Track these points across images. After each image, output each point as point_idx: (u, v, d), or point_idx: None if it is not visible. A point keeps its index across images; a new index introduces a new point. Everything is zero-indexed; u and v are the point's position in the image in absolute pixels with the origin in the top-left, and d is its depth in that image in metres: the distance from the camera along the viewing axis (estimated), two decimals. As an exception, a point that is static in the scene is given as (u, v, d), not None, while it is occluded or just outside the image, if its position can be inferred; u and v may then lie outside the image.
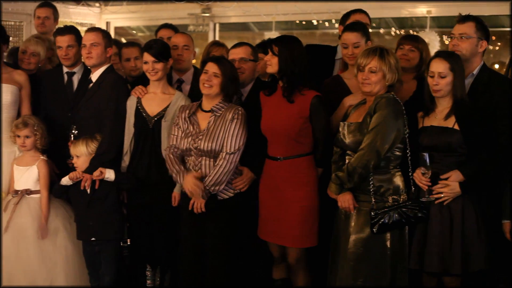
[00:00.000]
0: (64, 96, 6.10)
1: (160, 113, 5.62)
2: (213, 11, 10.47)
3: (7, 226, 5.57)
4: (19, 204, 5.67)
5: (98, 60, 5.81)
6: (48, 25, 7.59)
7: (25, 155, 5.81)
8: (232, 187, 5.29)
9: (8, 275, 5.47)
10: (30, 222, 5.63)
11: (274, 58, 5.18)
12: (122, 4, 10.97)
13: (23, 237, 5.58)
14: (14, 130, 5.74)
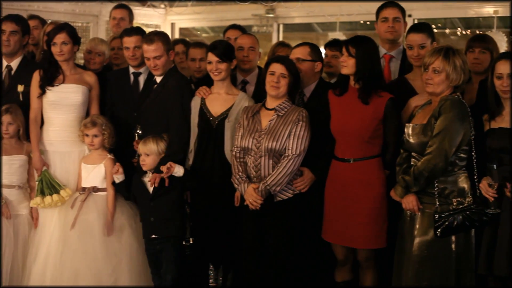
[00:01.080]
0: (130, 96, 6.18)
1: (224, 113, 5.65)
2: (277, 12, 10.45)
3: (74, 223, 5.65)
4: (86, 201, 5.76)
5: (164, 69, 5.86)
6: (123, 26, 7.67)
7: (92, 153, 5.90)
8: (291, 188, 5.29)
9: (74, 271, 5.56)
10: (96, 219, 5.71)
11: (350, 60, 5.16)
12: (187, 5, 11.03)
13: (89, 234, 5.65)
14: (83, 129, 5.83)
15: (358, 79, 5.20)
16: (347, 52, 5.17)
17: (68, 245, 5.63)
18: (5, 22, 6.14)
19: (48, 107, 5.89)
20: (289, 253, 5.29)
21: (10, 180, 5.87)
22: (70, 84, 5.90)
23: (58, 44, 5.83)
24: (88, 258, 5.58)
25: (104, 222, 5.71)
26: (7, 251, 5.76)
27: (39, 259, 5.71)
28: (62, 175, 5.87)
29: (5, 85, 6.17)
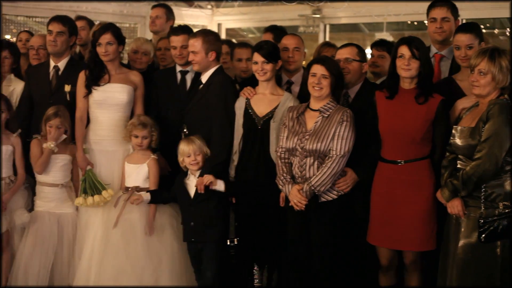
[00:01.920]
0: (177, 95, 6.22)
1: (269, 113, 5.64)
2: (324, 12, 10.43)
3: (116, 222, 5.71)
4: (129, 200, 5.78)
5: (200, 67, 5.89)
6: (159, 24, 7.72)
7: (137, 153, 5.94)
8: (336, 189, 5.26)
9: (117, 270, 5.61)
10: (138, 219, 5.75)
11: (415, 62, 5.09)
12: (233, 6, 11.07)
13: (131, 233, 5.70)
14: (132, 130, 5.85)
15: (419, 81, 5.14)
16: (410, 54, 5.09)
17: (110, 244, 5.68)
18: (52, 22, 6.22)
19: (94, 106, 5.95)
20: (333, 254, 5.27)
21: (54, 179, 5.95)
22: (116, 84, 5.96)
23: (103, 45, 5.89)
24: (130, 257, 5.63)
25: (146, 222, 5.75)
26: (50, 249, 5.84)
27: (84, 257, 5.78)
28: (107, 174, 5.94)
29: (53, 85, 6.25)
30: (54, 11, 9.10)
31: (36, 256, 5.80)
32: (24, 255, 5.82)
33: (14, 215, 5.85)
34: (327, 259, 5.25)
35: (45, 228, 5.87)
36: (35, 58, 6.93)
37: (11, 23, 10.16)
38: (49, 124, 5.91)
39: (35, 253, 5.80)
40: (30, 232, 5.87)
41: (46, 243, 5.84)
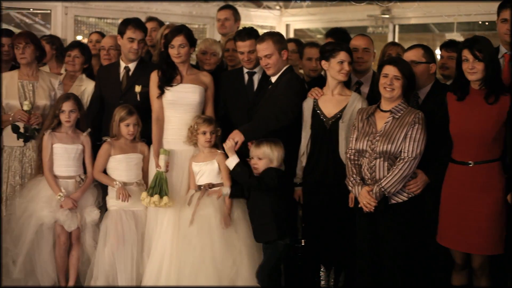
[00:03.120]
0: (245, 96, 6.23)
1: (337, 114, 5.63)
2: (393, 12, 10.30)
3: (192, 219, 5.72)
4: (203, 197, 5.82)
5: (276, 68, 5.88)
6: (229, 26, 7.77)
7: (203, 152, 5.94)
8: (405, 190, 5.19)
9: (196, 266, 5.61)
10: (213, 213, 5.74)
11: (479, 64, 5.01)
12: (302, 7, 11.05)
13: (208, 229, 5.69)
14: (199, 127, 5.87)
15: (486, 83, 5.05)
16: (473, 57, 5.01)
17: (187, 241, 5.70)
18: (135, 30, 6.26)
19: (166, 106, 6.00)
20: (403, 256, 5.20)
21: (128, 177, 6.04)
22: (188, 84, 6.00)
23: (176, 47, 5.93)
24: (208, 252, 5.62)
25: (221, 216, 5.74)
26: (134, 246, 5.92)
27: (153, 256, 5.83)
28: (177, 172, 5.96)
29: (123, 85, 6.33)
30: (124, 12, 9.25)
31: (120, 255, 5.88)
32: (107, 255, 5.89)
33: (85, 213, 5.95)
34: (397, 261, 5.19)
35: (124, 226, 5.94)
36: (106, 59, 7.04)
37: (83, 24, 10.32)
38: (125, 123, 6.00)
39: (119, 252, 5.88)
40: (110, 232, 5.94)
41: (128, 241, 5.91)
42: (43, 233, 5.94)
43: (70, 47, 7.01)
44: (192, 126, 5.91)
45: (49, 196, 5.92)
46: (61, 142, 5.99)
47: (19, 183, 6.27)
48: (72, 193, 5.95)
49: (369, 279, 5.32)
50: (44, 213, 5.84)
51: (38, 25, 10.70)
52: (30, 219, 5.89)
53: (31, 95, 6.34)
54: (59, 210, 5.85)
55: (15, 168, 6.29)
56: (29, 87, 6.37)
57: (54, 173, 5.99)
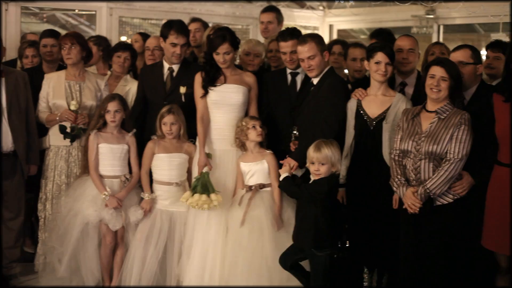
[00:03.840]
0: (287, 97, 6.24)
1: (381, 115, 5.60)
2: (438, 13, 10.22)
3: (243, 220, 5.73)
4: (253, 198, 5.83)
5: (319, 69, 5.87)
6: (272, 30, 7.78)
7: (251, 152, 5.94)
8: (451, 192, 5.14)
9: (248, 267, 5.62)
10: (264, 214, 5.74)
11: None
12: (345, 7, 11.02)
13: (259, 230, 5.69)
14: (247, 123, 5.88)
15: None
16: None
17: (238, 242, 5.71)
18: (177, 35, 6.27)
19: (211, 106, 6.03)
20: (446, 258, 5.15)
21: (169, 177, 6.06)
22: (231, 85, 6.02)
23: (221, 54, 5.95)
24: (259, 253, 5.63)
25: (272, 217, 5.74)
26: (160, 246, 5.94)
27: (194, 257, 5.84)
28: (220, 172, 5.97)
29: (168, 86, 6.37)
30: (168, 13, 9.32)
31: (144, 253, 5.91)
32: (133, 251, 5.96)
33: (129, 212, 5.99)
34: (441, 263, 5.14)
35: (156, 225, 5.98)
36: (151, 59, 7.10)
37: (127, 25, 10.44)
38: (163, 122, 6.04)
39: (144, 249, 5.92)
40: (140, 229, 6.00)
41: (155, 240, 5.94)
42: (88, 232, 6.02)
43: (119, 48, 7.06)
44: (240, 125, 5.92)
45: (94, 195, 5.97)
46: (106, 142, 6.05)
47: (65, 182, 6.36)
48: (117, 193, 6.00)
49: (412, 281, 5.27)
50: (89, 212, 5.90)
51: (83, 26, 10.84)
52: (76, 218, 5.95)
53: (78, 96, 6.42)
54: (104, 209, 5.90)
55: (61, 167, 6.38)
56: (76, 88, 6.45)
57: (99, 173, 6.05)
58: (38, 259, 6.37)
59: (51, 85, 6.45)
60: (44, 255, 6.26)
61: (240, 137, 5.92)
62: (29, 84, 6.40)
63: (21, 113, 6.29)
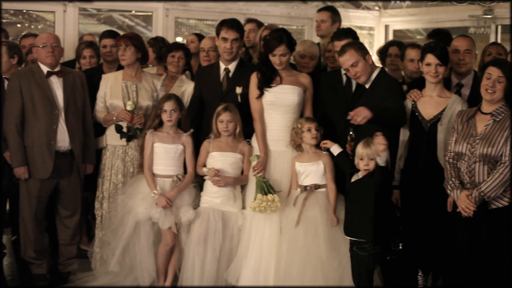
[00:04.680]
0: (343, 98, 6.21)
1: (436, 116, 5.56)
2: (495, 13, 10.06)
3: (298, 220, 5.72)
4: (308, 198, 5.82)
5: (366, 76, 5.83)
6: (324, 28, 7.75)
7: (307, 153, 5.93)
8: (506, 195, 5.07)
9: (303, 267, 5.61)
10: (319, 214, 5.74)
11: None
12: (401, 7, 10.93)
13: (314, 229, 5.68)
14: (303, 125, 5.87)
15: None
16: None
17: (294, 242, 5.70)
18: (228, 30, 6.30)
19: (266, 107, 6.05)
20: (502, 262, 5.09)
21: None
22: (287, 85, 6.03)
23: (277, 56, 5.95)
24: (315, 253, 5.62)
25: (327, 217, 5.73)
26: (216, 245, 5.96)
27: (251, 257, 5.87)
28: (276, 173, 5.99)
29: (224, 87, 6.40)
30: (223, 14, 9.35)
31: (200, 252, 5.94)
32: (191, 252, 5.97)
33: (180, 212, 6.02)
34: (496, 266, 5.08)
35: (210, 224, 5.99)
36: (206, 60, 7.12)
37: (183, 25, 10.52)
38: (219, 119, 6.07)
39: (199, 249, 5.94)
40: (194, 228, 6.03)
41: (210, 239, 5.96)
42: (140, 230, 6.08)
43: (174, 48, 7.11)
44: (295, 127, 5.92)
45: (146, 194, 6.04)
46: (161, 142, 6.11)
47: (121, 181, 6.43)
48: (168, 192, 6.05)
49: (468, 284, 5.21)
50: (140, 209, 5.96)
51: (139, 27, 10.96)
52: (129, 215, 6.03)
53: (134, 96, 6.50)
54: (154, 208, 5.95)
55: (117, 166, 6.46)
56: (132, 88, 6.53)
57: (153, 172, 6.11)
58: (94, 256, 6.45)
59: (108, 85, 6.55)
60: (100, 253, 6.35)
61: (295, 139, 5.93)
62: (87, 84, 6.51)
63: (78, 113, 6.40)
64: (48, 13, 10.04)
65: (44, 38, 6.38)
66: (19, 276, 6.72)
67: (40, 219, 6.42)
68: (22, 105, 6.22)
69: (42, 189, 6.30)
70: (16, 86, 6.24)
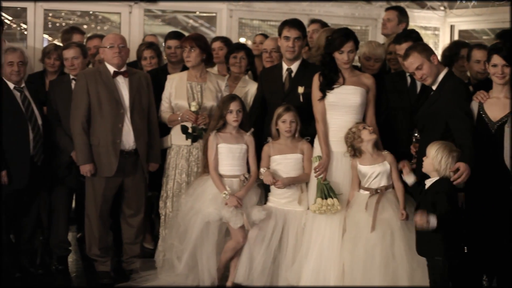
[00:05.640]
0: (407, 99, 6.18)
1: (503, 118, 5.48)
2: None
3: (373, 224, 5.67)
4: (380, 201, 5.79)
5: (432, 77, 5.73)
6: (390, 27, 7.74)
7: (370, 154, 5.87)
8: None
9: (384, 267, 5.57)
10: (393, 216, 5.71)
11: None
12: (467, 7, 10.79)
13: (390, 232, 5.65)
14: (361, 128, 5.84)
15: None
16: None
17: (371, 246, 5.64)
18: (290, 29, 6.31)
19: (328, 108, 6.01)
20: None
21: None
22: (350, 86, 5.99)
23: (345, 52, 5.93)
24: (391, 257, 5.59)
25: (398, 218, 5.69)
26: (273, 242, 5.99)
27: (311, 257, 5.86)
28: (337, 175, 5.97)
29: (286, 87, 6.40)
30: (287, 15, 9.33)
31: (257, 249, 5.98)
32: (245, 249, 6.03)
33: (252, 212, 6.04)
34: None
35: (271, 222, 6.03)
36: (268, 61, 7.13)
37: (246, 26, 10.57)
38: (282, 119, 6.08)
39: (255, 246, 5.99)
40: (255, 227, 6.04)
41: (268, 237, 6.00)
42: (208, 231, 6.11)
43: (236, 49, 7.16)
44: (350, 134, 5.87)
45: (215, 194, 6.06)
46: (225, 142, 6.14)
47: (185, 180, 6.50)
48: (237, 192, 6.07)
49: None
50: (210, 211, 5.98)
51: (203, 28, 11.05)
52: (197, 216, 6.06)
53: (199, 96, 6.56)
54: (224, 208, 5.97)
55: (181, 166, 6.52)
56: (197, 89, 6.59)
57: (219, 172, 6.15)
58: (158, 255, 6.53)
59: (173, 86, 6.62)
60: (163, 252, 6.41)
61: (353, 142, 5.86)
62: (152, 85, 6.60)
63: (143, 112, 6.51)
64: (113, 15, 10.21)
65: (111, 39, 6.51)
66: (83, 273, 6.84)
67: (105, 217, 6.55)
68: (88, 104, 6.35)
69: (107, 187, 6.42)
70: (83, 86, 6.37)
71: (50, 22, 10.05)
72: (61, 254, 6.97)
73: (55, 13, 10.15)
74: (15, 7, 9.43)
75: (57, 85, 6.83)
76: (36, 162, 6.46)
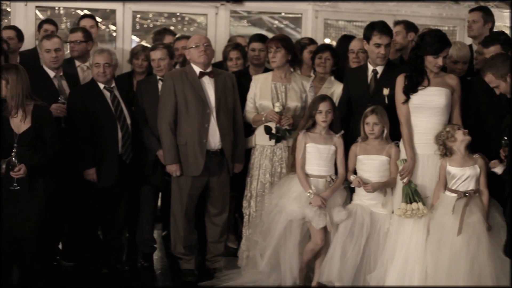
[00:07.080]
0: (497, 102, 6.00)
1: None
2: None
3: (460, 228, 5.59)
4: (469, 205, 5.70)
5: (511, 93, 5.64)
6: (476, 29, 7.53)
7: (461, 156, 5.79)
8: None
9: (469, 272, 5.51)
10: (480, 220, 5.63)
11: None
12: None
13: (477, 237, 5.57)
14: (452, 128, 5.78)
15: None
16: None
17: (457, 250, 5.58)
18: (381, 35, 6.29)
19: (412, 110, 5.95)
20: None
21: (372, 179, 6.06)
22: (434, 87, 5.91)
23: (441, 58, 5.85)
24: (476, 262, 5.52)
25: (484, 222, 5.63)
26: (361, 241, 5.95)
27: (397, 261, 5.81)
28: (424, 178, 5.90)
29: (371, 88, 6.37)
30: (373, 15, 9.31)
31: (346, 248, 5.93)
32: (333, 245, 5.99)
33: (333, 213, 6.02)
34: None
35: (357, 218, 5.99)
36: (355, 62, 7.09)
37: (331, 27, 10.53)
38: (366, 122, 6.05)
39: (345, 242, 5.94)
40: (343, 223, 6.00)
41: (356, 233, 5.96)
42: (291, 229, 6.12)
43: (319, 49, 7.14)
44: (443, 134, 5.80)
45: (299, 193, 6.07)
46: (314, 142, 6.15)
47: (269, 180, 6.52)
48: (322, 192, 6.06)
49: None
50: (293, 209, 6.01)
51: (288, 29, 11.06)
52: (280, 214, 6.08)
53: (283, 97, 6.57)
54: (308, 207, 5.98)
55: (265, 166, 6.55)
56: (281, 89, 6.61)
57: (305, 172, 6.15)
58: (241, 254, 6.58)
59: (258, 86, 6.66)
60: (247, 251, 6.46)
61: (446, 141, 5.78)
62: (237, 85, 6.65)
63: (229, 112, 6.57)
64: (200, 16, 10.33)
65: (196, 39, 6.60)
66: (168, 270, 6.94)
67: (190, 216, 6.63)
68: (175, 104, 6.45)
69: (193, 186, 6.50)
70: (170, 86, 6.48)
71: (138, 24, 10.26)
72: (146, 252, 7.11)
73: (143, 15, 10.36)
74: (104, 9, 9.65)
75: (144, 86, 6.97)
76: (124, 160, 6.62)
